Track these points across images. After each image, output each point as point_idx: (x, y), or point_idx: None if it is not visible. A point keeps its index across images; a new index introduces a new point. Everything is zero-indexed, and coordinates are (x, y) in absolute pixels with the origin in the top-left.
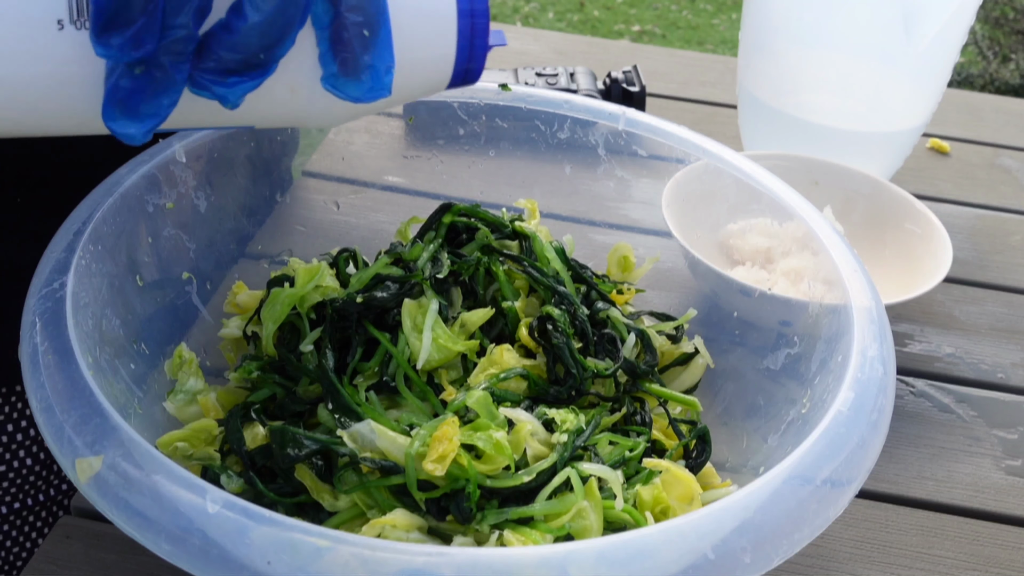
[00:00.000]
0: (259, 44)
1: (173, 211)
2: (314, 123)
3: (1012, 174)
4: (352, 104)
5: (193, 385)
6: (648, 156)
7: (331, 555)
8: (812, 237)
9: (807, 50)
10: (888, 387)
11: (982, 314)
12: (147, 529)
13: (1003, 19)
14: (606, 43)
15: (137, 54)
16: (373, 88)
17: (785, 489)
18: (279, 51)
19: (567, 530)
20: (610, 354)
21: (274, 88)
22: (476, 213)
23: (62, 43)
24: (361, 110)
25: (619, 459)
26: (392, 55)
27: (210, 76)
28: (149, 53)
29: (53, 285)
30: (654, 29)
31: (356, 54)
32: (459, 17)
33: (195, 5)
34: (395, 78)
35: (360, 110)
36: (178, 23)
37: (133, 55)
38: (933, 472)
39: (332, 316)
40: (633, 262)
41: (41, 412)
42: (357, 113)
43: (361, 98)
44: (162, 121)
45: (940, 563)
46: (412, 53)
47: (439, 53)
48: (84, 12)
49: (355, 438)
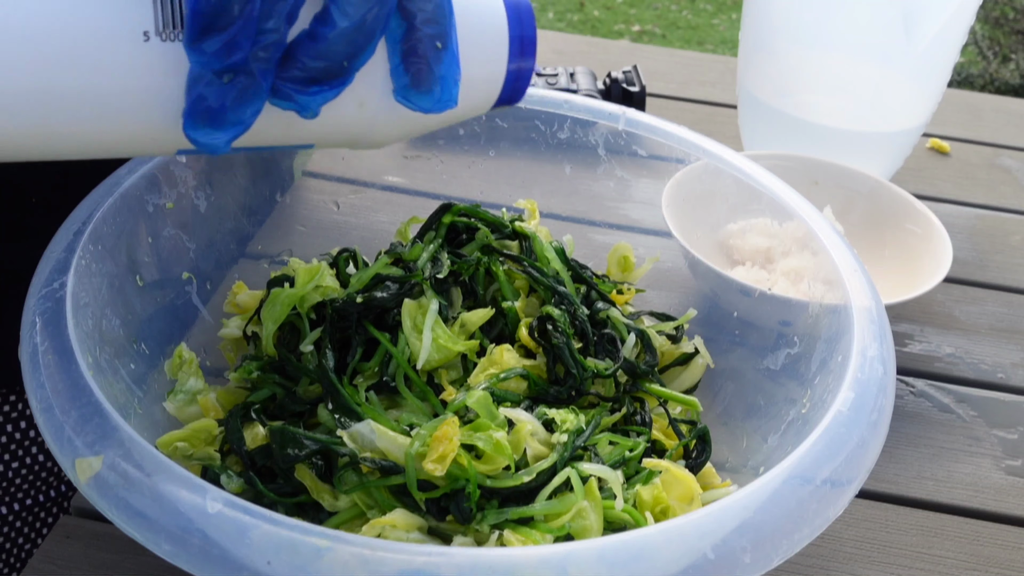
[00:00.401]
0: (344, 51)
1: (173, 211)
2: (372, 141)
3: (1012, 174)
4: (412, 121)
5: (193, 385)
6: (648, 156)
7: (331, 555)
8: (812, 237)
9: (807, 50)
10: (888, 387)
11: (982, 314)
12: (147, 529)
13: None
14: (606, 43)
15: (230, 60)
16: (442, 100)
17: (785, 489)
18: (362, 59)
19: (567, 530)
20: (610, 354)
21: (345, 103)
22: (476, 213)
23: (146, 55)
24: (419, 127)
25: (619, 459)
26: (459, 67)
27: (293, 85)
28: (242, 59)
29: (53, 285)
30: (654, 29)
31: (429, 66)
32: (510, 41)
33: (287, 9)
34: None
35: (418, 127)
36: (269, 27)
37: (225, 61)
38: (933, 472)
39: (332, 316)
40: (633, 262)
41: (41, 412)
42: (414, 131)
43: (431, 109)
44: (246, 129)
45: (940, 563)
46: (472, 70)
47: (494, 71)
48: (172, 24)
49: (355, 438)
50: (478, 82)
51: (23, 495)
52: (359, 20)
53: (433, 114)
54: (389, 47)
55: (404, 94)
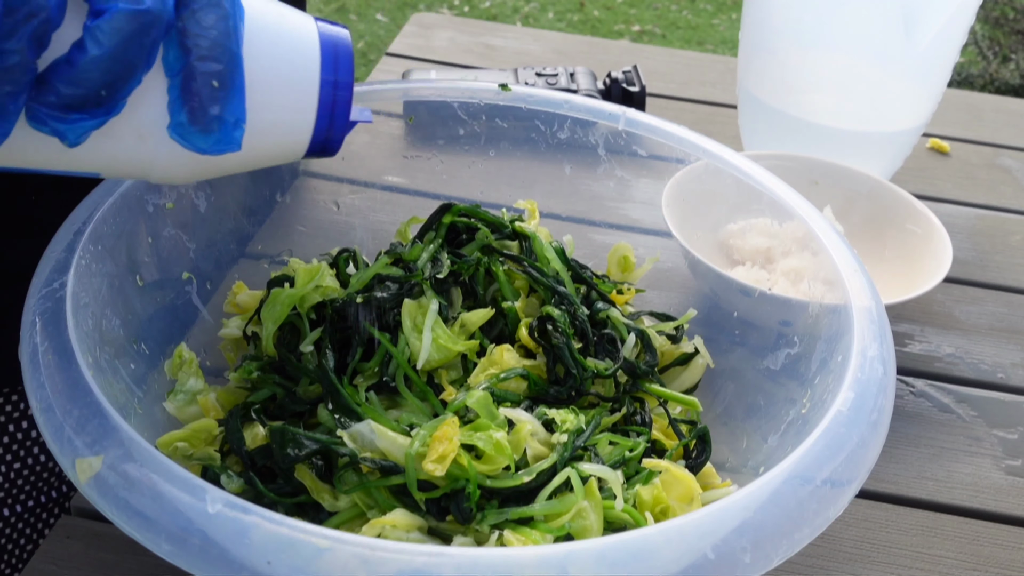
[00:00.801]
0: (100, 80)
1: (173, 211)
2: (161, 176)
3: (1012, 174)
4: (200, 159)
5: (193, 385)
6: (648, 156)
7: (331, 555)
8: (812, 237)
9: (807, 50)
10: (888, 387)
11: (982, 314)
12: (147, 529)
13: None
14: (606, 43)
15: None
16: (220, 141)
17: (785, 489)
18: (123, 90)
19: (567, 530)
20: (610, 354)
21: (121, 133)
22: (476, 213)
23: None
24: (211, 168)
25: (619, 459)
26: (243, 110)
27: (48, 110)
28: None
29: (53, 285)
30: (654, 29)
31: (205, 105)
32: (321, 87)
33: (29, 31)
34: (249, 138)
35: (209, 168)
36: (10, 48)
37: None
38: (933, 472)
39: (332, 316)
40: (633, 262)
41: (41, 412)
42: (206, 171)
43: (208, 150)
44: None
45: (940, 563)
46: (269, 114)
47: (298, 119)
48: None
49: (355, 438)
50: (276, 128)
51: (25, 496)
52: (113, 49)
53: (215, 155)
54: (168, 80)
55: (179, 131)
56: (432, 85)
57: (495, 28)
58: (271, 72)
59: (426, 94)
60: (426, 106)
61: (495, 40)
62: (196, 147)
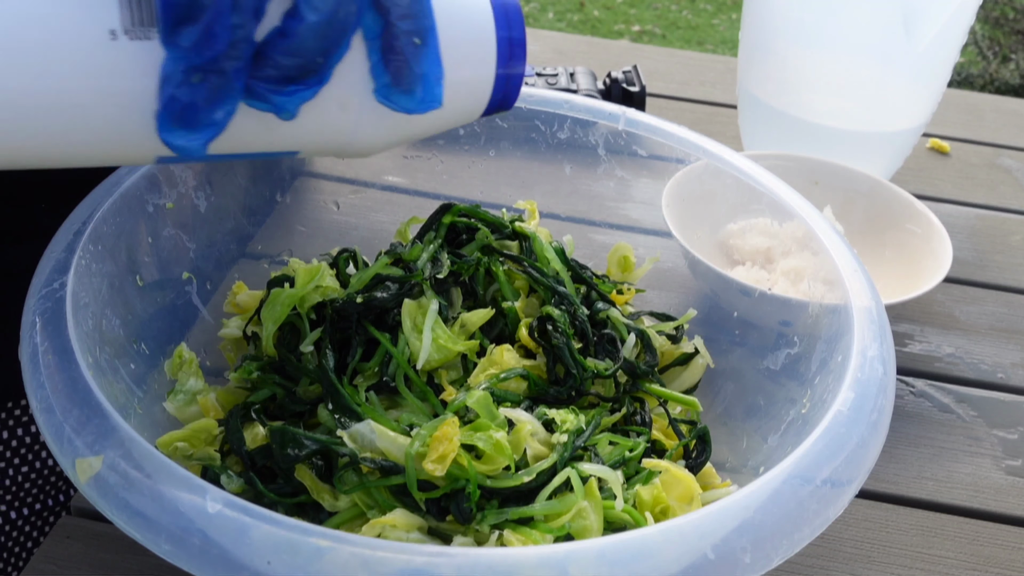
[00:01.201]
0: (316, 46)
1: (173, 211)
2: (359, 147)
3: (1012, 174)
4: (398, 126)
5: (193, 385)
6: (648, 156)
7: (331, 555)
8: (812, 237)
9: (807, 50)
10: (888, 387)
11: (982, 314)
12: (147, 529)
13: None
14: (606, 43)
15: (207, 53)
16: (424, 99)
17: (785, 489)
18: (336, 54)
19: (567, 530)
20: (610, 354)
21: (325, 105)
22: (476, 213)
23: (114, 56)
24: (405, 133)
25: (619, 459)
26: (441, 66)
27: (267, 84)
28: (219, 52)
29: (53, 285)
30: (654, 29)
31: (408, 63)
32: (498, 43)
33: (252, 4)
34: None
35: (404, 133)
36: (236, 22)
37: (203, 54)
38: (933, 472)
39: (332, 316)
40: (633, 262)
41: (41, 412)
42: (401, 137)
43: (414, 109)
44: (219, 131)
45: (940, 563)
46: (457, 71)
47: (480, 74)
48: (140, 20)
49: (355, 438)
50: (464, 85)
51: (32, 499)
52: (329, 14)
53: (417, 115)
54: (368, 44)
55: (384, 93)
56: None
57: None
58: (454, 30)
59: None
60: None
61: None
62: (402, 107)
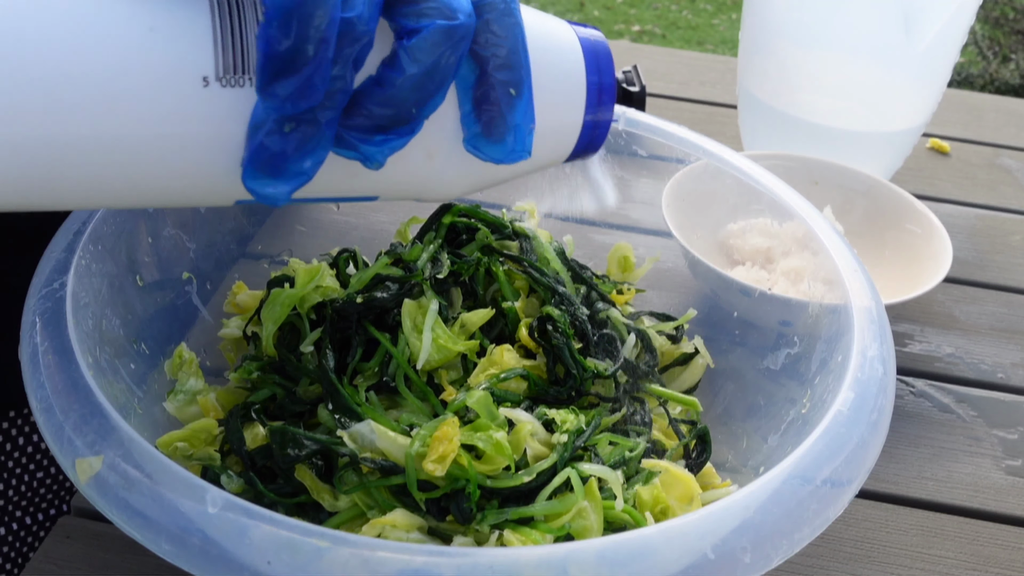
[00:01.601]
0: (413, 98)
1: (173, 211)
2: (439, 194)
3: (1012, 174)
4: (481, 172)
5: (193, 385)
6: (648, 156)
7: (331, 555)
8: (812, 237)
9: (807, 50)
10: (888, 387)
11: (982, 314)
12: (147, 529)
13: (1003, 19)
14: None
15: (303, 104)
16: (515, 150)
17: (785, 489)
18: (431, 106)
19: (567, 530)
20: (610, 354)
21: (411, 152)
22: (476, 214)
23: (206, 102)
24: (487, 180)
25: (619, 459)
26: (533, 116)
27: (357, 133)
28: (314, 103)
29: (53, 285)
30: (654, 29)
31: (502, 113)
32: (588, 89)
33: (354, 55)
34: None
35: (486, 180)
36: (336, 73)
37: (299, 105)
38: (933, 472)
39: (332, 316)
40: (633, 262)
41: (41, 412)
42: (483, 183)
43: (503, 159)
44: (307, 180)
45: (940, 563)
46: (548, 119)
47: (568, 121)
48: (235, 69)
49: (355, 438)
50: (553, 132)
51: (47, 504)
52: (430, 66)
53: (504, 164)
54: (460, 94)
55: (474, 143)
56: None
57: None
58: (546, 76)
59: None
60: None
61: None
62: (491, 157)
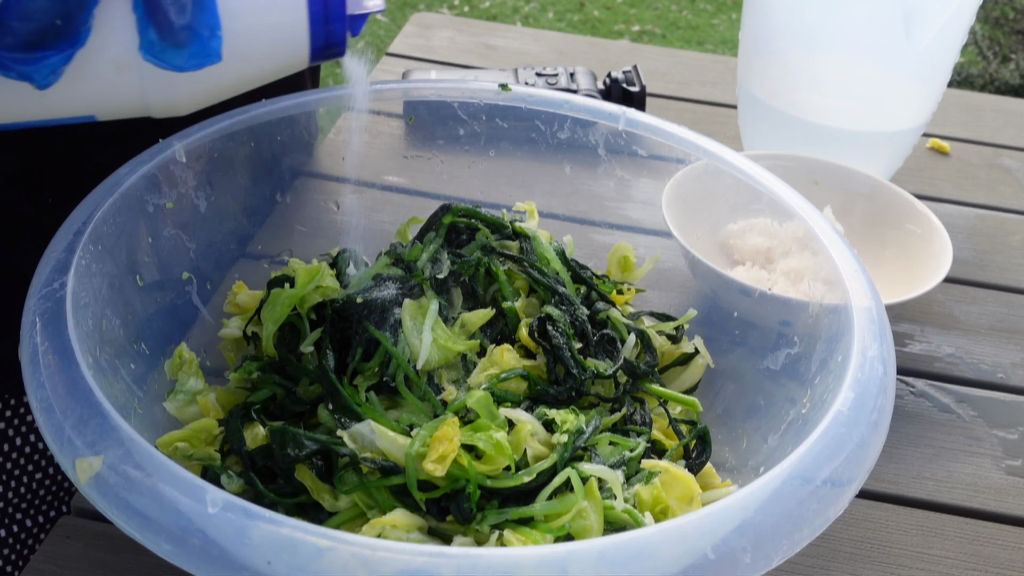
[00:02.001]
0: (50, 8)
1: (173, 211)
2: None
3: (1012, 174)
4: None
5: (193, 385)
6: (648, 156)
7: (331, 555)
8: (812, 237)
9: (807, 50)
10: (888, 387)
11: (982, 314)
12: (147, 529)
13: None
14: (606, 43)
15: None
16: (197, 55)
17: (785, 489)
18: (80, 15)
19: (567, 530)
20: (610, 354)
21: (97, 66)
22: (476, 214)
23: None
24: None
25: (619, 459)
26: (216, 17)
27: (9, 52)
28: None
29: (53, 285)
30: (654, 29)
31: (176, 16)
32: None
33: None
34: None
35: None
36: None
37: None
38: (933, 472)
39: (332, 316)
40: (633, 262)
41: (41, 412)
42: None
43: (184, 66)
44: None
45: (940, 563)
46: (251, 18)
47: (287, 18)
48: None
49: (355, 438)
50: (266, 32)
51: (47, 507)
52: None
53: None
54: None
55: (151, 51)
56: (432, 85)
57: (495, 28)
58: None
59: (426, 94)
60: (426, 106)
61: (495, 40)
62: (172, 65)
